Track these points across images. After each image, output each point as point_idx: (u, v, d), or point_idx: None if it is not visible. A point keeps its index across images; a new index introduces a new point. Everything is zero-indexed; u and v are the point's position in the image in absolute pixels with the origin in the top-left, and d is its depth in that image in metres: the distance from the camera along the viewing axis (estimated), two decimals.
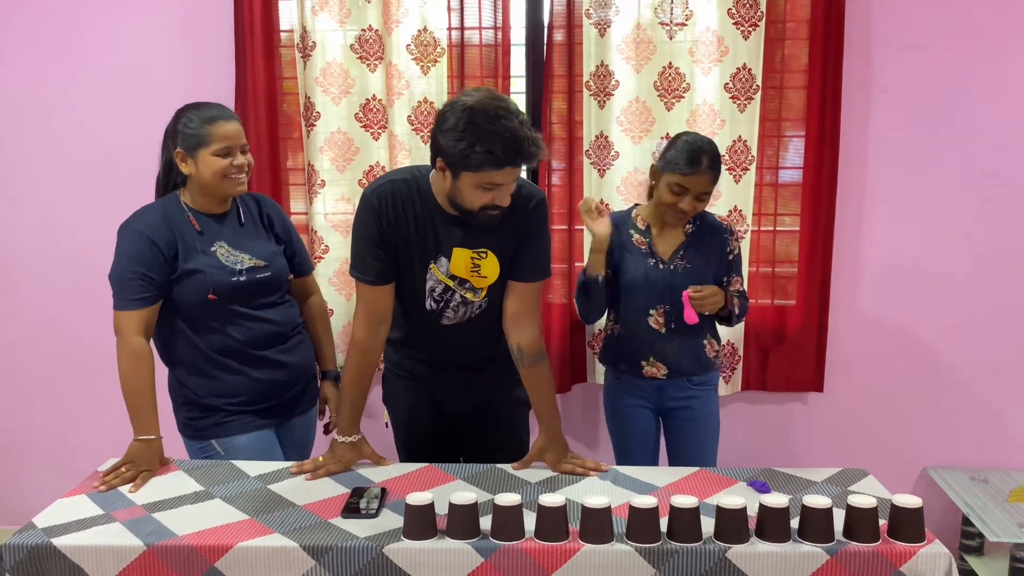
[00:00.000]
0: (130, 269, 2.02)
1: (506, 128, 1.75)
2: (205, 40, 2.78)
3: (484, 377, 2.17)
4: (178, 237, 2.06)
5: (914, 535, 1.63)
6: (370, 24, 2.68)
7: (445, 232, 1.97)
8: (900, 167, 2.73)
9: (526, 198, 1.99)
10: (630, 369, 2.37)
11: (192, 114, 2.07)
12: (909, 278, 2.79)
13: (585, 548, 1.61)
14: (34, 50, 2.85)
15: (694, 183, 2.18)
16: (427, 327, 2.08)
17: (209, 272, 2.06)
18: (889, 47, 2.67)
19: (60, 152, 2.91)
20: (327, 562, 1.61)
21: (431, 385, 2.19)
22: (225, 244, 2.11)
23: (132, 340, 2.00)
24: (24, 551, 1.63)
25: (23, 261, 2.99)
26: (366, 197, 1.98)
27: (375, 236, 1.96)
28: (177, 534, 1.66)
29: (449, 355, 2.14)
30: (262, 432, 2.17)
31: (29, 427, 3.10)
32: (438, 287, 2.02)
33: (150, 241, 2.02)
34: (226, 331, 2.11)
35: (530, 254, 2.02)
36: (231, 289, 2.08)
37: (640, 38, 2.63)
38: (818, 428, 2.90)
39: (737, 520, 1.63)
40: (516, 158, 1.78)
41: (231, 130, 2.06)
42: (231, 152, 2.06)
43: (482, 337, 2.10)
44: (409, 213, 1.96)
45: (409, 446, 2.26)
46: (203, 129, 2.04)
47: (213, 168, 2.04)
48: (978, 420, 2.85)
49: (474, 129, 1.75)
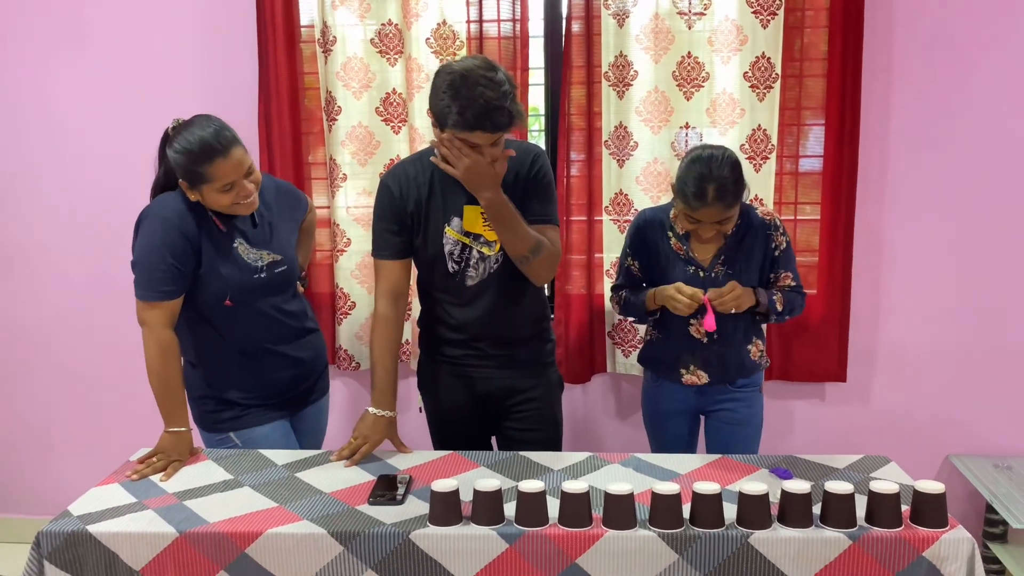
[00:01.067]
0: (158, 258, 1.98)
1: (481, 94, 1.87)
2: (228, 36, 2.81)
3: (514, 353, 2.22)
4: (202, 230, 2.05)
5: (937, 520, 1.63)
6: (390, 18, 2.70)
7: (453, 193, 2.09)
8: (921, 155, 2.71)
9: (524, 153, 2.12)
10: (669, 376, 2.32)
11: (183, 144, 1.95)
12: (930, 266, 2.78)
13: (608, 534, 1.63)
14: (58, 47, 2.89)
15: (705, 215, 2.11)
16: (454, 293, 2.17)
17: (229, 276, 2.06)
18: (910, 35, 2.65)
19: (84, 147, 2.95)
20: (355, 548, 1.65)
21: (463, 365, 2.24)
22: (243, 241, 2.11)
23: (160, 333, 2.01)
24: (61, 538, 1.68)
25: (50, 254, 3.04)
26: (382, 181, 2.14)
27: (390, 214, 2.11)
28: (208, 521, 1.70)
29: (478, 326, 2.18)
30: (278, 423, 2.20)
31: (59, 419, 3.16)
32: (456, 248, 2.12)
33: (178, 230, 2.00)
34: (244, 328, 2.13)
35: (532, 200, 2.11)
36: (253, 287, 2.10)
37: (658, 28, 2.64)
38: (839, 416, 2.90)
39: (759, 506, 1.64)
40: (484, 123, 1.88)
41: (229, 166, 1.96)
42: (235, 184, 1.99)
43: (506, 299, 2.16)
44: (420, 184, 2.10)
45: (443, 429, 2.32)
46: (200, 167, 1.95)
47: (219, 202, 2.01)
48: (1001, 407, 2.83)
49: (452, 92, 1.89)
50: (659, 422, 2.40)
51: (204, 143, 1.95)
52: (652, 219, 2.31)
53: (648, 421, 2.45)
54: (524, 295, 2.18)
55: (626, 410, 2.97)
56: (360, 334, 2.89)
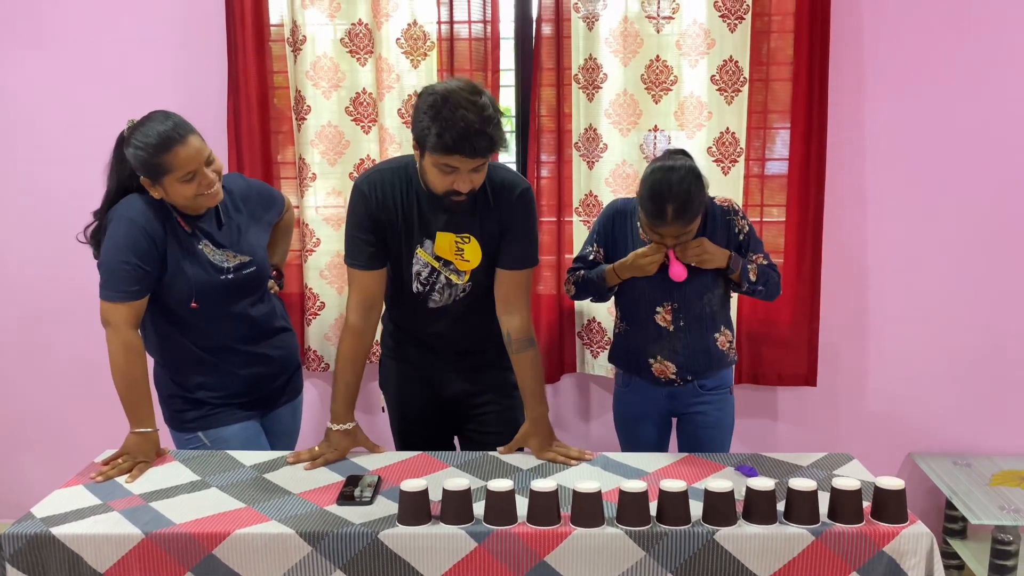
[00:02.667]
0: (123, 259, 1.97)
1: (462, 118, 1.83)
2: (197, 34, 2.79)
3: (476, 361, 2.21)
4: (168, 232, 2.03)
5: (897, 516, 1.67)
6: (360, 18, 2.70)
7: (431, 215, 2.04)
8: (890, 158, 2.76)
9: (509, 188, 2.06)
10: (639, 370, 2.29)
11: (141, 139, 1.95)
12: (894, 268, 2.82)
13: (576, 532, 1.65)
14: (22, 44, 2.85)
15: (665, 232, 2.09)
16: (415, 311, 2.14)
17: (195, 277, 2.05)
18: (878, 38, 2.70)
19: (49, 146, 2.91)
20: (323, 548, 1.64)
21: (424, 368, 2.23)
22: (208, 243, 2.09)
23: (124, 333, 2.00)
24: (23, 540, 1.65)
25: (9, 254, 2.99)
26: (357, 186, 2.06)
27: (365, 222, 2.04)
28: (175, 522, 1.69)
29: (439, 340, 2.19)
30: (248, 423, 2.19)
31: (23, 419, 3.10)
32: (424, 270, 2.09)
33: (144, 231, 1.99)
34: (211, 328, 2.11)
35: (516, 243, 2.07)
36: (219, 288, 2.08)
37: (627, 31, 2.66)
38: (805, 415, 2.94)
39: (725, 503, 1.66)
40: (463, 146, 1.84)
41: (189, 153, 1.95)
42: (197, 173, 1.97)
43: (468, 323, 2.15)
44: (397, 198, 2.03)
45: (404, 430, 2.30)
46: (159, 158, 1.94)
47: (182, 193, 1.99)
48: (961, 406, 2.89)
49: (432, 113, 1.85)
50: (630, 427, 2.39)
51: (161, 134, 1.94)
52: (623, 209, 2.30)
53: (620, 426, 2.42)
54: (488, 317, 2.13)
55: (595, 409, 2.99)
56: (329, 335, 2.87)
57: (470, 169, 1.90)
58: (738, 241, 2.24)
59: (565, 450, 2.04)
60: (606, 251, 2.32)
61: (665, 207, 2.04)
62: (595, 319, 2.83)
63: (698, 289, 2.20)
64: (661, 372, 2.26)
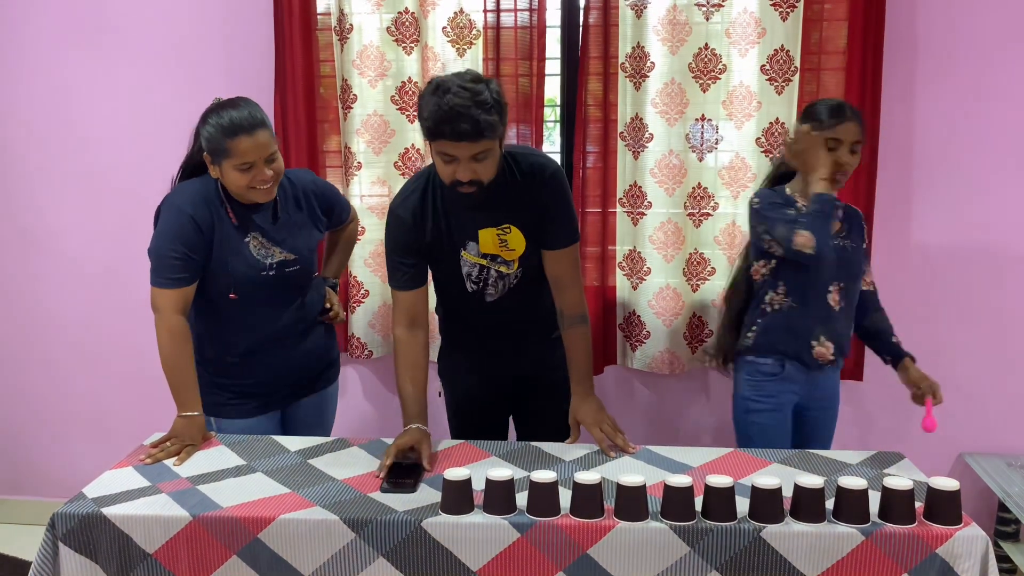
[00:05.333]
0: (171, 247, 2.02)
1: (448, 102, 1.81)
2: (245, 24, 2.81)
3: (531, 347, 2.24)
4: (215, 221, 2.06)
5: (951, 518, 1.63)
6: (406, 7, 2.70)
7: (467, 218, 2.06)
8: (943, 151, 2.69)
9: (539, 170, 2.06)
10: (799, 352, 2.22)
11: (215, 119, 2.00)
12: (950, 263, 2.75)
13: (620, 525, 1.63)
14: (77, 37, 2.90)
15: (843, 132, 2.14)
16: (474, 306, 2.18)
17: (236, 270, 2.07)
18: (932, 29, 2.62)
19: (101, 136, 2.96)
20: (366, 535, 1.65)
21: (481, 352, 2.27)
22: (259, 236, 2.11)
23: (171, 319, 2.03)
24: (75, 520, 1.69)
25: (67, 240, 3.06)
26: (392, 210, 2.10)
27: (402, 245, 2.09)
28: (221, 506, 1.71)
29: (498, 327, 2.22)
30: (262, 418, 2.21)
31: (76, 401, 3.18)
32: (474, 270, 2.12)
33: (192, 220, 2.03)
34: (244, 323, 2.14)
35: (555, 222, 2.09)
36: (259, 284, 2.10)
37: (676, 19, 2.62)
38: (853, 414, 2.88)
39: (772, 500, 1.64)
40: (444, 129, 1.83)
41: (252, 145, 1.98)
42: (254, 166, 2.01)
43: (525, 305, 2.19)
44: (430, 214, 2.06)
45: (460, 415, 2.35)
46: (223, 142, 1.98)
47: (236, 182, 2.03)
48: (1015, 406, 2.81)
49: (422, 101, 1.88)
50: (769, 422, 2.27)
51: (233, 119, 1.99)
52: (780, 192, 2.24)
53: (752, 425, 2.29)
54: (542, 297, 2.18)
55: (638, 402, 2.97)
56: (373, 323, 2.89)
57: (468, 157, 1.87)
58: (863, 249, 2.31)
59: (612, 433, 2.03)
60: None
61: (843, 106, 2.16)
62: (635, 312, 2.80)
63: (857, 271, 2.27)
64: (821, 355, 2.24)
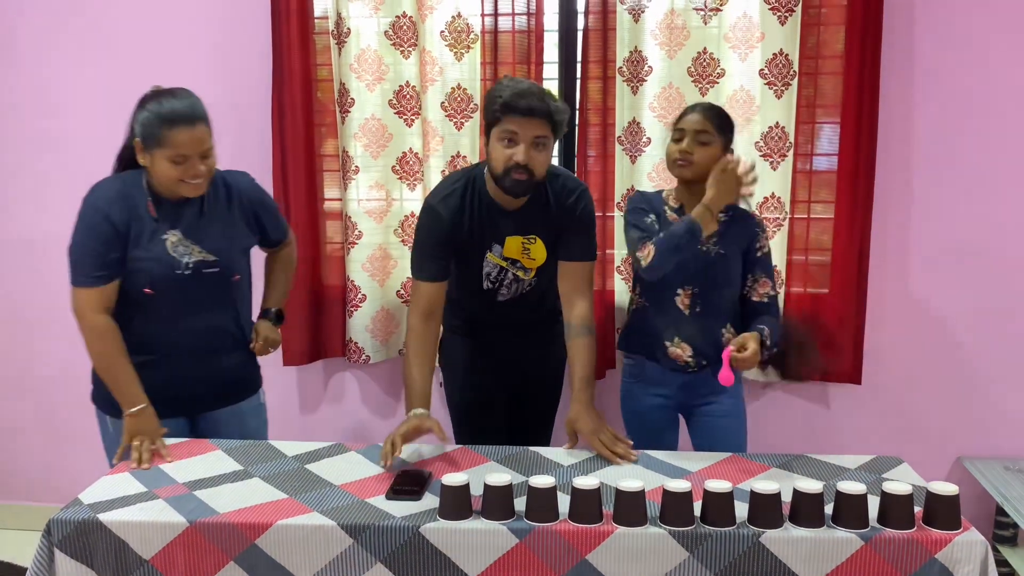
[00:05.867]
0: (86, 245, 1.98)
1: (519, 84, 2.05)
2: (242, 27, 2.81)
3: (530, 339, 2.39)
4: (132, 217, 2.00)
5: (950, 523, 1.62)
6: (404, 11, 2.69)
7: (499, 223, 2.19)
8: (940, 155, 2.69)
9: (571, 190, 2.21)
10: (654, 352, 2.28)
11: (154, 106, 1.94)
12: (949, 265, 2.76)
13: (619, 531, 1.63)
14: (70, 38, 2.90)
15: (689, 122, 2.17)
16: (483, 302, 2.31)
17: (149, 265, 2.01)
18: (930, 32, 2.63)
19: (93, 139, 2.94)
20: (364, 540, 1.64)
21: (484, 343, 2.39)
22: (179, 232, 2.04)
23: (94, 319, 2.00)
24: (71, 526, 1.68)
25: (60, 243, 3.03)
26: (431, 206, 2.19)
27: (437, 240, 2.17)
28: (218, 511, 1.70)
29: (502, 323, 2.36)
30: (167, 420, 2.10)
31: (67, 407, 3.15)
32: (493, 270, 2.25)
33: (106, 217, 1.97)
34: (158, 324, 2.07)
35: (577, 237, 2.21)
36: (172, 282, 2.03)
37: (674, 23, 2.62)
38: (850, 416, 2.88)
39: (771, 505, 1.63)
40: (517, 104, 2.00)
41: (188, 139, 1.93)
42: (187, 160, 1.94)
43: (531, 309, 2.36)
44: (467, 211, 2.17)
45: (460, 404, 2.44)
46: (159, 130, 1.92)
47: (166, 173, 1.96)
48: (1013, 409, 2.81)
49: (497, 88, 2.06)
50: (638, 421, 2.34)
51: (174, 109, 1.94)
52: (648, 195, 2.34)
53: (628, 420, 2.38)
54: (547, 300, 2.33)
55: None
56: (370, 327, 2.88)
57: (530, 139, 2.01)
58: (754, 256, 2.26)
59: (612, 444, 2.02)
60: None
61: (695, 104, 2.24)
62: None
63: (719, 281, 2.24)
64: (677, 356, 2.26)
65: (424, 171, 2.79)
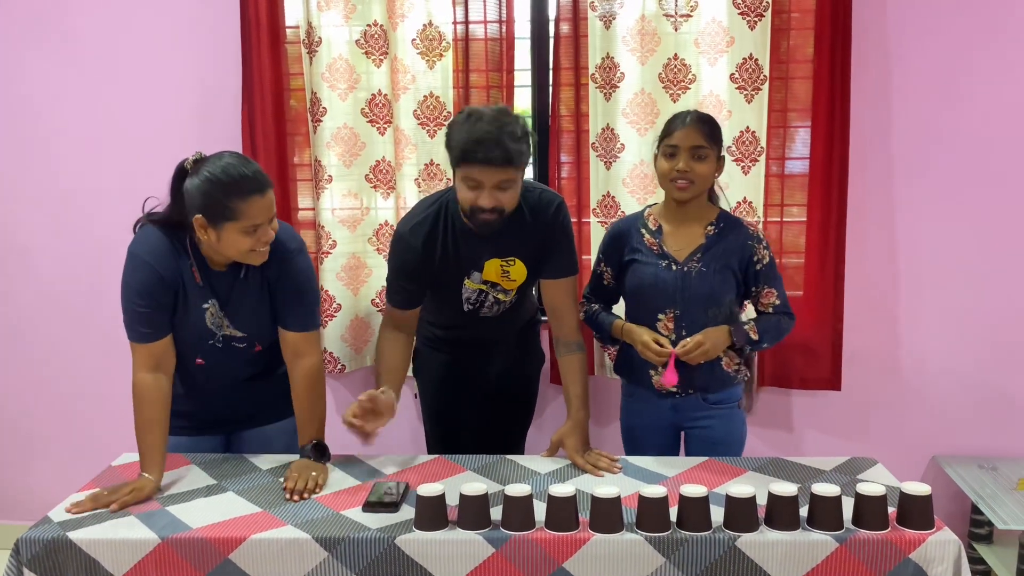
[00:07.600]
0: (137, 302, 1.89)
1: (480, 128, 1.90)
2: (212, 36, 2.79)
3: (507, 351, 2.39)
4: (181, 277, 1.92)
5: (923, 522, 1.64)
6: (375, 19, 2.69)
7: (476, 249, 2.13)
8: (914, 158, 2.71)
9: (546, 204, 2.14)
10: (640, 380, 2.22)
11: (215, 175, 1.79)
12: (926, 266, 2.77)
13: (595, 538, 1.63)
14: (41, 46, 2.86)
15: (681, 138, 2.08)
16: (465, 320, 2.27)
17: (185, 334, 1.96)
18: (902, 35, 2.65)
19: (65, 147, 2.92)
20: (339, 553, 1.63)
21: (459, 353, 2.37)
22: (216, 303, 1.96)
23: (137, 377, 1.92)
24: (40, 545, 1.65)
25: (30, 255, 3.00)
26: (400, 234, 2.14)
27: (407, 269, 2.14)
28: (191, 527, 1.68)
29: (480, 338, 2.35)
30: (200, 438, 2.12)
31: (38, 423, 3.11)
32: (473, 295, 2.21)
33: (157, 274, 1.88)
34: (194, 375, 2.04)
35: (557, 254, 2.16)
36: (206, 349, 2.00)
37: (645, 29, 2.63)
38: (826, 417, 2.90)
39: (746, 509, 1.64)
40: (474, 154, 1.90)
41: (265, 205, 1.83)
42: (260, 228, 1.84)
43: (513, 323, 2.35)
44: (439, 242, 2.11)
45: (435, 414, 2.44)
46: (234, 204, 1.79)
47: (238, 246, 1.84)
48: (987, 408, 2.84)
49: (453, 127, 1.97)
50: (636, 438, 2.31)
51: (243, 176, 1.81)
52: (624, 226, 2.26)
53: (625, 437, 2.35)
54: (525, 313, 2.36)
55: (613, 414, 2.95)
56: (345, 336, 2.87)
57: (492, 184, 1.94)
58: (755, 270, 2.16)
59: (595, 460, 2.01)
60: (612, 270, 2.29)
61: (684, 114, 2.13)
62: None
63: (704, 299, 2.13)
64: (660, 385, 2.17)
65: (397, 179, 2.79)
